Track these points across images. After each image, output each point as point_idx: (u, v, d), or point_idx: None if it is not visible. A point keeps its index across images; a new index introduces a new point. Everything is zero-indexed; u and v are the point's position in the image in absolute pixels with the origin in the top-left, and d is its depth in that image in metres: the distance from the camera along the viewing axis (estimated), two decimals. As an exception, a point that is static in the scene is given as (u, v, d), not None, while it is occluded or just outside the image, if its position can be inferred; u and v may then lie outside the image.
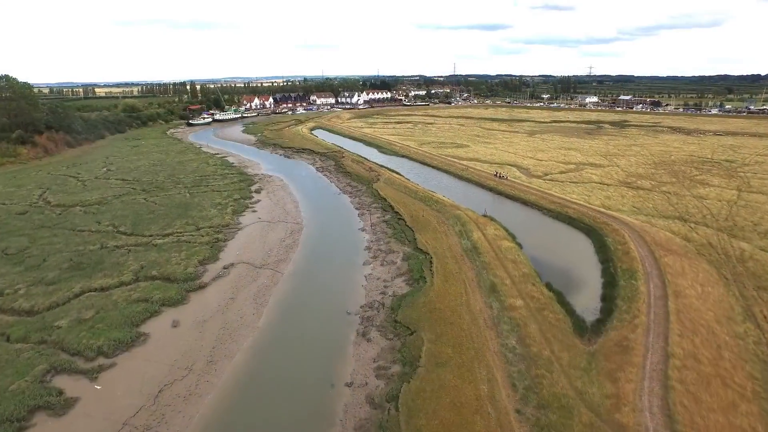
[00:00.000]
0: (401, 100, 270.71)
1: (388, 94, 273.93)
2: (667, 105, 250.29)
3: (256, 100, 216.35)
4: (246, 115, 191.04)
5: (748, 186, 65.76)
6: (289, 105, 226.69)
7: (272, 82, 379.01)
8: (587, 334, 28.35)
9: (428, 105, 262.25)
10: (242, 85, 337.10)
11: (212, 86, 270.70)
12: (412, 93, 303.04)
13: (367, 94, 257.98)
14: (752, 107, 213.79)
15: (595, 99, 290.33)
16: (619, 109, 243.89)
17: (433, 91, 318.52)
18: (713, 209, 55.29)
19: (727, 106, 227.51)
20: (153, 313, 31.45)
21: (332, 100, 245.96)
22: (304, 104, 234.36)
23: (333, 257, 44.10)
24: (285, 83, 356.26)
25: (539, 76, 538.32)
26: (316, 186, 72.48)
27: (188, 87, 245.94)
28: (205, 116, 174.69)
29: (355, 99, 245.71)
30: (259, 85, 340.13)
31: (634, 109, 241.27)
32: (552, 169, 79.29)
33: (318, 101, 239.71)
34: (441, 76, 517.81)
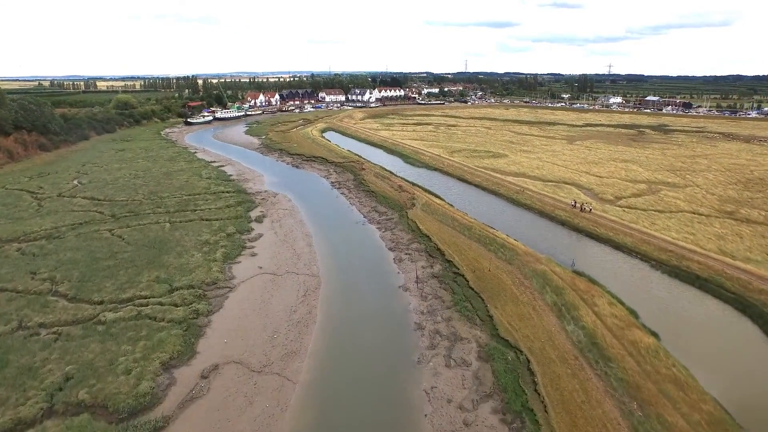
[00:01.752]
0: (415, 98, 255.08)
1: (401, 92, 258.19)
2: (698, 107, 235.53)
3: (261, 97, 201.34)
4: (250, 113, 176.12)
5: None
6: (297, 102, 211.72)
7: (278, 78, 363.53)
8: None
9: (444, 104, 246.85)
10: (247, 80, 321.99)
11: (215, 81, 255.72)
12: (425, 90, 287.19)
13: (379, 92, 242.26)
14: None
15: (618, 99, 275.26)
16: (648, 111, 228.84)
17: (446, 89, 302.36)
18: None
19: (765, 108, 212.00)
20: None
21: (342, 98, 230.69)
22: (313, 101, 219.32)
23: (369, 346, 29.18)
24: (291, 79, 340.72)
25: (548, 74, 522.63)
26: (334, 210, 57.54)
27: (190, 81, 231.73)
28: (206, 114, 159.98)
29: (366, 96, 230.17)
30: (265, 80, 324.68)
31: (664, 111, 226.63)
32: (622, 191, 64.14)
33: (327, 98, 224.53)
34: (449, 74, 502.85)
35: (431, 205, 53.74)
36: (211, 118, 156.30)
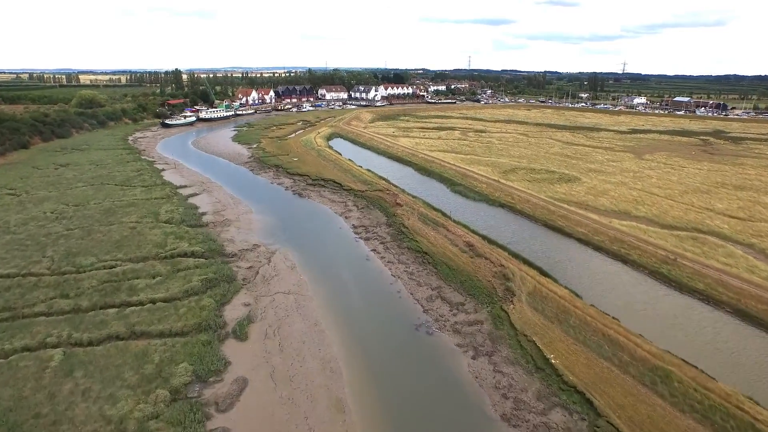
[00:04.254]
0: (423, 96, 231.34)
1: (409, 89, 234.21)
2: (732, 108, 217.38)
3: (254, 94, 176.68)
4: (240, 112, 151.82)
5: None
6: (294, 100, 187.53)
7: (273, 73, 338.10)
8: None
9: (455, 103, 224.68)
10: (239, 76, 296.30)
11: (203, 76, 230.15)
12: (432, 88, 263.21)
13: (385, 89, 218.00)
14: None
15: (642, 100, 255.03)
16: (680, 113, 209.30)
17: (453, 86, 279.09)
18: None
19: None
20: None
21: (344, 95, 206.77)
22: (312, 99, 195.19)
23: None
24: (287, 74, 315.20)
25: (545, 72, 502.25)
26: (368, 291, 34.14)
27: (172, 76, 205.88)
28: (188, 114, 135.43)
29: (371, 94, 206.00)
30: (259, 75, 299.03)
31: (697, 113, 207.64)
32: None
33: (328, 96, 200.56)
34: (446, 70, 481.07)
35: (548, 298, 30.32)
36: (194, 118, 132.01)
